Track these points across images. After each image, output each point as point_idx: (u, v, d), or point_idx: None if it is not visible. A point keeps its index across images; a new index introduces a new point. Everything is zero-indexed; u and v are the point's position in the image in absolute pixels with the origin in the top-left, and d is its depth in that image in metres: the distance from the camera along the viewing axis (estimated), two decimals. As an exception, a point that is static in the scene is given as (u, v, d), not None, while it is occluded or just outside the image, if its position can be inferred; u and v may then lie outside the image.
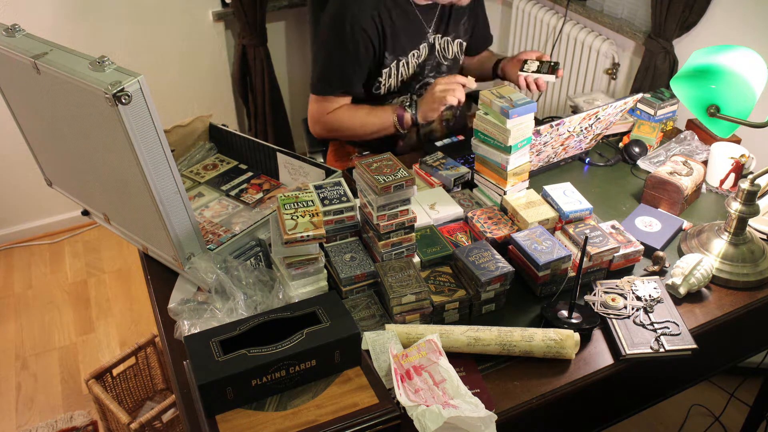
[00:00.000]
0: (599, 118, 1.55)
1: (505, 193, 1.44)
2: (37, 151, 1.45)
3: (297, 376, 0.99)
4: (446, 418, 0.93)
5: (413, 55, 1.76)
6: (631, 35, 2.46)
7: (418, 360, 1.06)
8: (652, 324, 1.19)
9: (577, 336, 1.14)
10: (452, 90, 1.61)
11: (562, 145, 1.59)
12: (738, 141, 1.69)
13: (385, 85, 1.78)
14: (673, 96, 1.76)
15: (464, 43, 1.87)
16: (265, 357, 0.95)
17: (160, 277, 1.33)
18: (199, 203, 1.52)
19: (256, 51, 2.87)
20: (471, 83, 1.61)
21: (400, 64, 1.75)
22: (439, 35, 1.80)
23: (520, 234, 1.31)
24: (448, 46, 1.83)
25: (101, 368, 2.04)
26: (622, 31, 2.50)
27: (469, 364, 1.13)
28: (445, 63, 1.85)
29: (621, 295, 1.24)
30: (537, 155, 1.56)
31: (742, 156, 1.54)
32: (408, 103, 1.71)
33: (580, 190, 1.41)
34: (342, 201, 1.25)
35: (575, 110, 1.83)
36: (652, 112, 1.76)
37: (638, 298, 1.23)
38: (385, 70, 1.74)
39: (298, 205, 1.22)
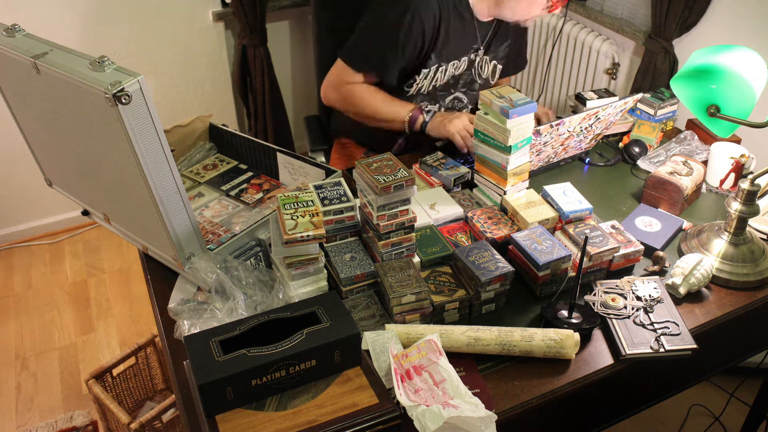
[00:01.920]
0: (599, 118, 1.55)
1: (505, 193, 1.44)
2: (37, 151, 1.45)
3: (297, 376, 0.99)
4: (446, 418, 0.93)
5: (453, 64, 1.76)
6: (631, 35, 2.46)
7: (418, 360, 1.06)
8: (652, 324, 1.19)
9: (577, 336, 1.14)
10: (466, 138, 1.63)
11: (562, 145, 1.59)
12: (738, 141, 1.69)
13: (418, 84, 1.76)
14: (673, 96, 1.76)
15: (499, 66, 1.87)
16: (265, 357, 0.95)
17: (160, 277, 1.33)
18: (199, 203, 1.52)
19: (256, 51, 2.87)
20: None
21: (440, 69, 1.74)
22: (481, 52, 1.80)
23: (520, 234, 1.31)
24: (485, 65, 1.83)
25: (101, 368, 2.04)
26: (622, 31, 2.50)
27: (469, 364, 1.13)
28: (479, 81, 1.85)
29: (621, 295, 1.24)
30: (537, 155, 1.56)
31: (742, 156, 1.54)
32: (428, 109, 1.71)
33: (580, 190, 1.41)
34: (342, 201, 1.25)
35: (575, 110, 1.83)
36: (652, 112, 1.76)
37: (638, 298, 1.23)
38: (424, 71, 1.73)
39: (298, 205, 1.22)
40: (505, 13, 1.68)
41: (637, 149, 1.70)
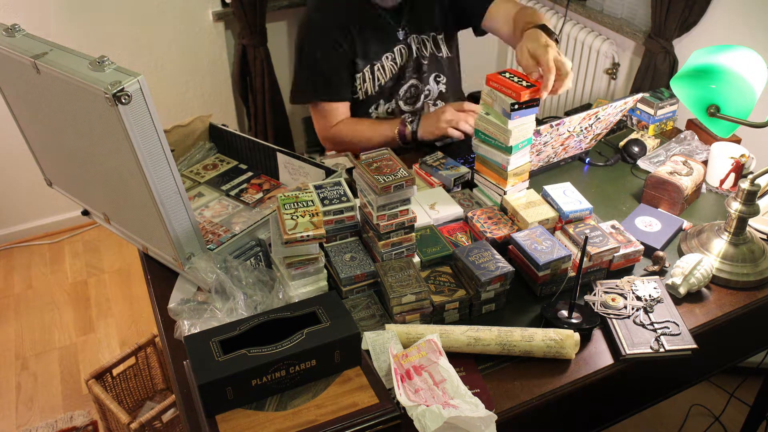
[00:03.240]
0: (599, 118, 1.55)
1: (505, 193, 1.44)
2: (37, 151, 1.45)
3: (297, 376, 0.99)
4: (446, 418, 0.93)
5: (387, 58, 1.75)
6: (631, 35, 2.46)
7: (418, 360, 1.06)
8: (652, 324, 1.19)
9: (577, 336, 1.14)
10: (458, 121, 1.61)
11: (562, 145, 1.59)
12: (738, 141, 1.69)
13: (361, 89, 1.78)
14: (672, 96, 1.76)
15: (440, 36, 1.82)
16: (265, 357, 0.95)
17: (160, 277, 1.33)
18: (199, 203, 1.52)
19: (256, 51, 2.87)
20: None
21: (375, 68, 1.75)
22: (415, 35, 1.78)
23: (520, 234, 1.31)
24: (423, 45, 1.81)
25: (101, 368, 2.04)
26: (622, 31, 2.50)
27: (469, 364, 1.13)
28: (425, 62, 1.83)
29: (621, 295, 1.24)
30: (537, 155, 1.56)
31: (742, 156, 1.54)
32: (410, 119, 1.71)
33: (580, 190, 1.41)
34: (342, 201, 1.25)
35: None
36: (651, 111, 1.76)
37: (638, 298, 1.23)
38: (358, 76, 1.75)
39: (298, 205, 1.22)
40: None
41: (636, 149, 1.70)
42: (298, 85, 1.78)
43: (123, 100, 0.97)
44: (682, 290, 1.25)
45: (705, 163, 1.63)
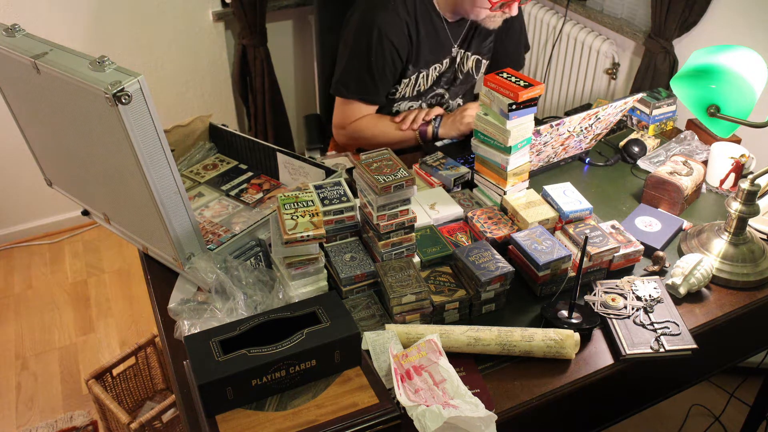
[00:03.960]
0: (599, 118, 1.55)
1: (505, 193, 1.44)
2: (37, 151, 1.45)
3: (297, 376, 0.99)
4: (446, 418, 0.93)
5: (434, 68, 1.77)
6: (631, 35, 2.46)
7: (418, 360, 1.06)
8: (652, 324, 1.19)
9: (577, 336, 1.14)
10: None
11: (562, 145, 1.59)
12: (738, 141, 1.69)
13: (401, 93, 1.79)
14: (670, 95, 1.77)
15: (483, 61, 1.87)
16: (265, 357, 0.95)
17: (160, 277, 1.33)
18: (199, 203, 1.52)
19: (256, 51, 2.87)
20: None
21: (420, 75, 1.76)
22: (462, 50, 1.81)
23: (520, 234, 1.31)
24: (466, 61, 1.84)
25: (101, 368, 2.04)
26: (622, 31, 2.50)
27: (469, 364, 1.13)
28: (461, 77, 1.86)
29: (621, 295, 1.24)
30: (537, 155, 1.56)
31: (742, 156, 1.54)
32: (432, 118, 1.73)
33: (580, 190, 1.41)
34: (342, 201, 1.25)
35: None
36: (648, 111, 1.76)
37: (638, 298, 1.23)
38: (404, 80, 1.76)
39: (298, 205, 1.22)
40: (460, 11, 1.71)
41: (636, 149, 1.70)
42: (344, 78, 1.75)
43: (123, 100, 0.97)
44: (682, 290, 1.25)
45: (705, 163, 1.62)
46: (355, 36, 1.70)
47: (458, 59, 1.82)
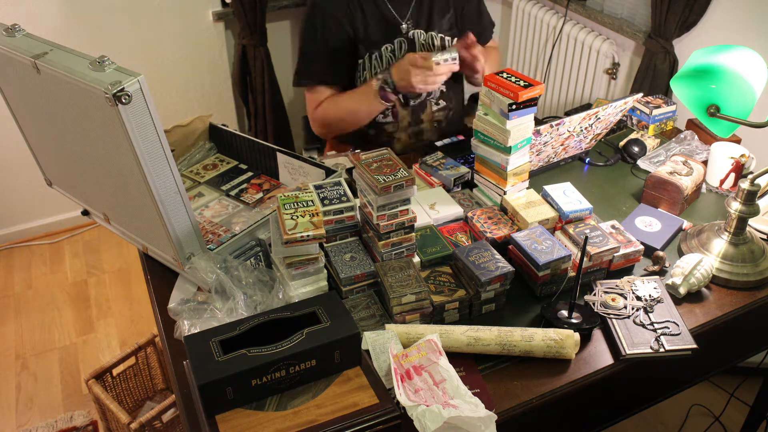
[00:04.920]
0: (599, 118, 1.55)
1: (505, 193, 1.44)
2: (37, 151, 1.45)
3: (297, 376, 0.99)
4: (446, 418, 0.93)
5: (386, 48, 1.75)
6: (631, 35, 2.46)
7: (418, 360, 1.06)
8: (652, 324, 1.19)
9: (577, 336, 1.14)
10: (428, 83, 1.61)
11: (562, 145, 1.59)
12: (738, 141, 1.69)
13: (361, 78, 1.78)
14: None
15: (449, 38, 1.83)
16: (265, 357, 0.95)
17: (160, 277, 1.33)
18: (199, 203, 1.52)
19: (256, 51, 2.87)
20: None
21: (373, 57, 1.75)
22: (421, 30, 1.79)
23: (520, 234, 1.31)
24: (431, 41, 1.81)
25: (101, 368, 2.04)
26: (622, 31, 2.50)
27: (469, 364, 1.13)
28: None
29: (621, 295, 1.24)
30: (537, 155, 1.56)
31: (742, 156, 1.54)
32: (383, 79, 1.68)
33: (580, 190, 1.41)
34: (342, 201, 1.25)
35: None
36: (648, 111, 1.76)
37: (638, 298, 1.23)
38: (360, 62, 1.75)
39: (298, 205, 1.22)
40: None
41: (636, 149, 1.70)
42: (299, 66, 1.77)
43: (123, 100, 0.97)
44: (682, 290, 1.25)
45: (705, 163, 1.63)
46: (302, 23, 1.74)
47: (418, 41, 1.78)
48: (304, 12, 1.75)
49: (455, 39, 1.83)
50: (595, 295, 1.25)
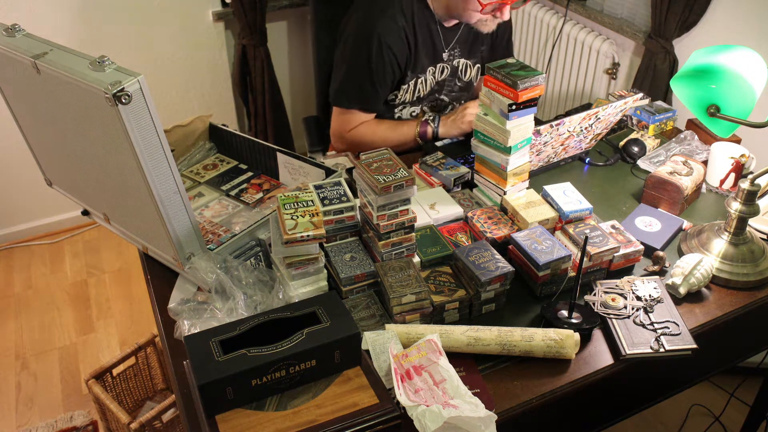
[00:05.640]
0: (599, 118, 1.55)
1: (505, 193, 1.44)
2: (37, 151, 1.45)
3: (297, 376, 0.99)
4: (446, 418, 0.93)
5: (430, 72, 1.77)
6: (631, 35, 2.46)
7: (418, 360, 1.06)
8: (652, 324, 1.19)
9: (577, 336, 1.14)
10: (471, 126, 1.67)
11: (562, 145, 1.59)
12: (738, 141, 1.69)
13: (400, 99, 1.80)
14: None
15: (481, 68, 1.88)
16: (265, 357, 0.95)
17: (160, 277, 1.33)
18: (199, 203, 1.52)
19: (256, 51, 2.87)
20: None
21: (419, 81, 1.76)
22: (463, 58, 1.81)
23: (520, 234, 1.31)
24: (467, 69, 1.85)
25: (101, 368, 2.04)
26: (622, 31, 2.50)
27: (469, 364, 1.13)
28: (459, 84, 1.87)
29: (621, 295, 1.24)
30: (537, 155, 1.56)
31: (742, 156, 1.54)
32: (431, 118, 1.74)
33: (580, 190, 1.41)
34: (342, 201, 1.25)
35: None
36: (651, 110, 1.76)
37: (638, 298, 1.23)
38: (404, 87, 1.76)
39: (298, 205, 1.22)
40: (454, 14, 1.71)
41: (636, 149, 1.70)
42: (344, 87, 1.75)
43: (123, 100, 0.97)
44: (682, 290, 1.25)
45: (705, 163, 1.63)
46: (353, 44, 1.70)
47: (460, 67, 1.82)
48: (356, 33, 1.69)
49: (481, 69, 1.88)
50: (595, 295, 1.25)
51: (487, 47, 1.87)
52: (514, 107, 1.33)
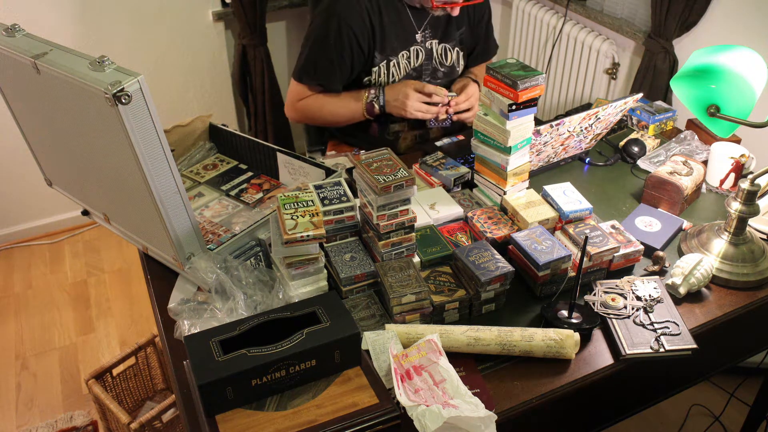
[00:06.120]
0: (599, 118, 1.55)
1: (505, 193, 1.44)
2: (37, 151, 1.45)
3: (297, 376, 0.99)
4: (446, 418, 0.93)
5: (403, 56, 1.77)
6: (631, 35, 2.46)
7: (418, 360, 1.06)
8: (652, 324, 1.19)
9: (577, 336, 1.14)
10: (428, 111, 1.70)
11: (562, 145, 1.59)
12: (738, 141, 1.69)
13: (375, 82, 1.79)
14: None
15: (461, 52, 1.87)
16: (265, 357, 0.95)
17: (160, 277, 1.33)
18: (199, 203, 1.52)
19: (256, 51, 2.87)
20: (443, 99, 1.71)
21: (391, 64, 1.76)
22: (437, 41, 1.80)
23: (520, 234, 1.31)
24: (446, 53, 1.83)
25: (101, 368, 2.04)
26: (622, 31, 2.50)
27: (469, 364, 1.13)
28: (442, 69, 1.85)
29: (621, 295, 1.24)
30: (537, 155, 1.56)
31: (742, 156, 1.54)
32: (375, 96, 1.75)
33: (580, 190, 1.41)
34: (342, 201, 1.25)
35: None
36: (651, 110, 1.76)
37: (638, 298, 1.23)
38: (374, 69, 1.76)
39: (298, 205, 1.22)
40: None
41: (636, 149, 1.70)
42: (304, 63, 1.78)
43: (123, 100, 0.97)
44: (682, 290, 1.25)
45: (705, 163, 1.63)
46: (318, 23, 1.74)
47: (435, 51, 1.81)
48: (319, 14, 1.74)
49: (462, 53, 1.86)
50: (595, 295, 1.25)
51: (466, 30, 1.85)
52: (514, 107, 1.33)
